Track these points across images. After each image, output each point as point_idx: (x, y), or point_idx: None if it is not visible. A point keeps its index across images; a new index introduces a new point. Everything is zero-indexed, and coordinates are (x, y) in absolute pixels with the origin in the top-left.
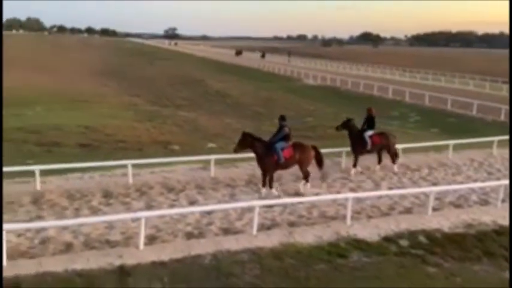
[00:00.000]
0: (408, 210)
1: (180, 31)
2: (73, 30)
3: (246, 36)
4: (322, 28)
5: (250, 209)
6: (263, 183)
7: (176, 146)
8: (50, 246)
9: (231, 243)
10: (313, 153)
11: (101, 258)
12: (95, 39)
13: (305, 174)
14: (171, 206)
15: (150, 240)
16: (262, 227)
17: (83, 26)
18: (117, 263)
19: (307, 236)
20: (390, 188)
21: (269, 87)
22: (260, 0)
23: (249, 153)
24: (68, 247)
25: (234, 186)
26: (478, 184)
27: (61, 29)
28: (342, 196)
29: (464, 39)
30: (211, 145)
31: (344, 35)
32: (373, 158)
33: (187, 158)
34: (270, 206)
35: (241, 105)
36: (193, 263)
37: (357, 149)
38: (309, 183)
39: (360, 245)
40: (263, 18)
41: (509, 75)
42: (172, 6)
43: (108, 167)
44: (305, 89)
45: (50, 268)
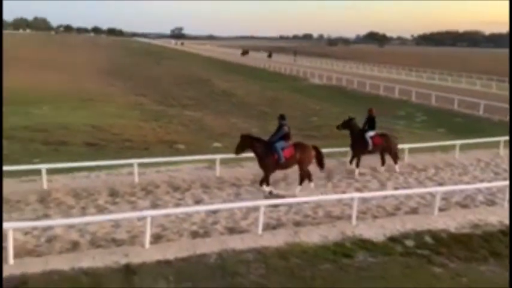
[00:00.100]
0: (414, 211)
1: (186, 31)
2: (79, 30)
3: (252, 35)
4: (328, 27)
5: (256, 208)
6: (267, 183)
7: (182, 146)
8: (57, 245)
9: (237, 243)
10: (313, 153)
11: (107, 256)
12: (102, 39)
13: (307, 174)
14: (177, 205)
15: (156, 239)
16: (268, 227)
17: (89, 26)
18: (123, 261)
19: (313, 236)
20: (396, 188)
21: (275, 87)
22: (266, 0)
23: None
24: (74, 245)
25: (239, 185)
26: (485, 184)
27: (68, 28)
28: (347, 196)
29: (471, 39)
30: (216, 144)
31: (350, 34)
32: (377, 158)
33: (192, 158)
34: (276, 206)
35: (247, 105)
36: (199, 262)
37: (357, 149)
38: (312, 183)
39: (366, 245)
40: (269, 18)
41: (509, 75)
42: (179, 6)
43: (114, 166)
44: (311, 88)
45: (57, 266)
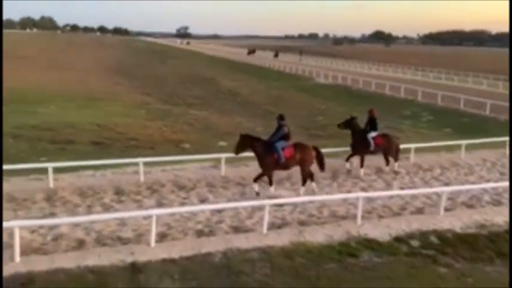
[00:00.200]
0: (420, 211)
1: (191, 30)
2: (86, 29)
3: (257, 35)
4: (334, 26)
5: (261, 207)
6: (270, 182)
7: (187, 145)
8: (63, 243)
9: (241, 242)
10: (314, 153)
11: (112, 254)
12: (108, 38)
13: (308, 174)
14: (182, 204)
15: (161, 237)
16: (273, 226)
17: (95, 25)
18: (129, 259)
19: (318, 235)
20: (402, 188)
21: (280, 86)
22: None
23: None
24: (80, 244)
25: (244, 184)
26: (491, 184)
27: (74, 27)
28: (352, 195)
29: (477, 38)
30: (222, 143)
31: (356, 33)
32: (382, 158)
33: (198, 157)
34: (281, 205)
35: (252, 104)
36: (204, 261)
37: (359, 149)
38: (314, 183)
39: (371, 244)
40: (274, 17)
41: (509, 75)
42: (184, 5)
43: (120, 165)
44: (316, 87)
45: (63, 264)
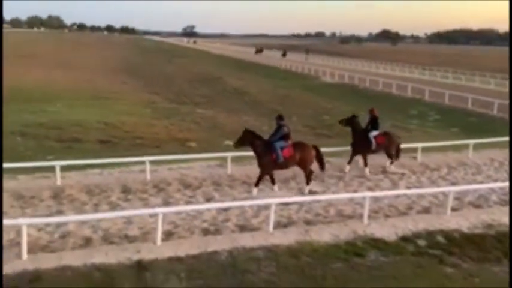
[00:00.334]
0: (426, 210)
1: (198, 29)
2: (93, 28)
3: (264, 33)
4: (341, 25)
5: (267, 206)
6: (272, 181)
7: (194, 143)
8: (70, 241)
9: (247, 240)
10: (314, 152)
11: (119, 252)
12: (115, 37)
13: (307, 175)
14: (188, 202)
15: (167, 236)
16: (279, 225)
17: (102, 24)
18: (135, 257)
19: (324, 235)
20: (408, 188)
21: (286, 85)
22: None
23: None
24: (87, 241)
25: (250, 183)
26: (499, 184)
27: (81, 26)
28: (359, 195)
29: (485, 37)
30: (228, 142)
31: (363, 32)
32: (385, 157)
33: (204, 155)
34: (287, 204)
35: (259, 103)
36: (210, 259)
37: (360, 148)
38: (310, 184)
39: (377, 244)
40: (281, 16)
41: (509, 74)
42: (191, 4)
43: (126, 163)
44: (322, 87)
45: (70, 262)
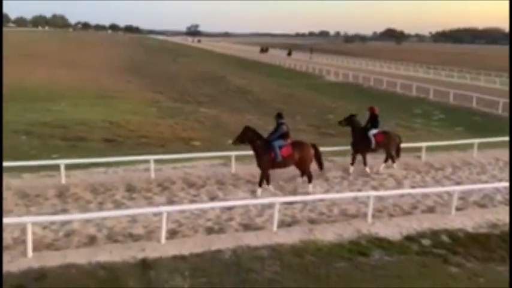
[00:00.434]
0: (431, 210)
1: (202, 28)
2: (97, 27)
3: (268, 32)
4: (345, 24)
5: (271, 205)
6: (267, 181)
7: (197, 142)
8: (74, 239)
9: (251, 239)
10: (312, 151)
11: (123, 251)
12: (119, 36)
13: (308, 174)
14: (192, 201)
15: (172, 234)
16: (283, 224)
17: (107, 23)
18: (140, 256)
19: (328, 234)
20: (413, 187)
21: (290, 84)
22: None
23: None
24: (92, 240)
25: (254, 182)
26: (504, 184)
27: (85, 25)
28: (363, 194)
29: (490, 36)
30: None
31: (367, 31)
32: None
33: (208, 154)
34: (291, 203)
35: (263, 102)
36: (214, 258)
37: (359, 147)
38: (300, 178)
39: (382, 243)
40: (285, 15)
41: (509, 73)
42: (195, 3)
43: (131, 162)
44: (327, 86)
45: (74, 260)
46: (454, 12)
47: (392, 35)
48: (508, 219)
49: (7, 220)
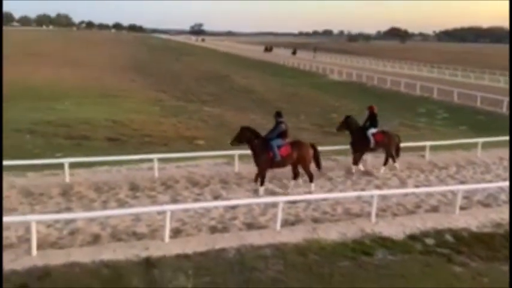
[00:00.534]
0: (435, 209)
1: (205, 27)
2: (101, 26)
3: (271, 31)
4: (349, 23)
5: (274, 204)
6: (255, 179)
7: (201, 141)
8: (78, 237)
9: (255, 238)
10: (311, 151)
11: (127, 249)
12: (123, 35)
13: (309, 173)
14: (196, 200)
15: (175, 233)
16: (286, 223)
17: (110, 22)
18: (143, 254)
19: (331, 233)
20: (416, 186)
21: (294, 83)
22: None
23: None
24: (96, 238)
25: (257, 181)
26: (508, 183)
27: (89, 24)
28: (367, 193)
29: (495, 35)
30: None
31: (371, 30)
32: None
33: (212, 153)
34: (294, 202)
35: (266, 101)
36: (217, 257)
37: (359, 146)
38: (294, 181)
39: (385, 242)
40: (288, 14)
41: (509, 72)
42: (198, 2)
43: (135, 161)
44: (330, 85)
45: (78, 258)
46: (458, 11)
47: (396, 34)
48: None
49: (12, 218)
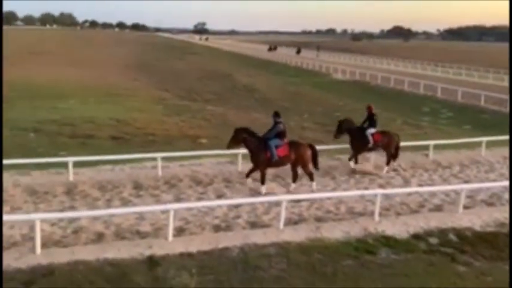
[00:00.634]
0: (438, 208)
1: (209, 26)
2: (104, 25)
3: (274, 30)
4: (352, 22)
5: (278, 203)
6: (247, 175)
7: (204, 140)
8: (82, 236)
9: (258, 237)
10: (309, 151)
11: (131, 248)
12: (126, 34)
13: (309, 173)
14: (199, 199)
15: (179, 232)
16: (290, 222)
17: (114, 21)
18: (147, 253)
19: (335, 232)
20: (420, 185)
21: (297, 82)
22: None
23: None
24: (100, 237)
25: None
26: None
27: (93, 23)
28: (370, 192)
29: (499, 34)
30: None
31: (374, 29)
32: (401, 156)
33: (215, 152)
34: (298, 201)
35: (269, 100)
36: (221, 256)
37: (357, 146)
38: (294, 185)
39: (388, 241)
40: (291, 12)
41: (509, 72)
42: (202, 1)
43: (138, 160)
44: (334, 84)
45: (82, 257)
46: (461, 9)
47: (399, 33)
48: None
49: (16, 217)
